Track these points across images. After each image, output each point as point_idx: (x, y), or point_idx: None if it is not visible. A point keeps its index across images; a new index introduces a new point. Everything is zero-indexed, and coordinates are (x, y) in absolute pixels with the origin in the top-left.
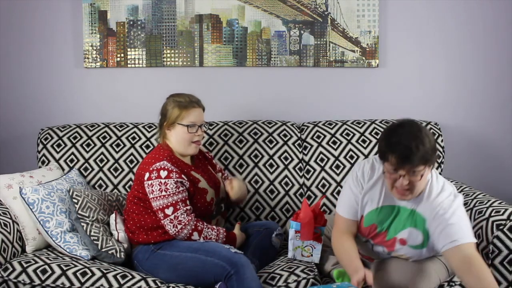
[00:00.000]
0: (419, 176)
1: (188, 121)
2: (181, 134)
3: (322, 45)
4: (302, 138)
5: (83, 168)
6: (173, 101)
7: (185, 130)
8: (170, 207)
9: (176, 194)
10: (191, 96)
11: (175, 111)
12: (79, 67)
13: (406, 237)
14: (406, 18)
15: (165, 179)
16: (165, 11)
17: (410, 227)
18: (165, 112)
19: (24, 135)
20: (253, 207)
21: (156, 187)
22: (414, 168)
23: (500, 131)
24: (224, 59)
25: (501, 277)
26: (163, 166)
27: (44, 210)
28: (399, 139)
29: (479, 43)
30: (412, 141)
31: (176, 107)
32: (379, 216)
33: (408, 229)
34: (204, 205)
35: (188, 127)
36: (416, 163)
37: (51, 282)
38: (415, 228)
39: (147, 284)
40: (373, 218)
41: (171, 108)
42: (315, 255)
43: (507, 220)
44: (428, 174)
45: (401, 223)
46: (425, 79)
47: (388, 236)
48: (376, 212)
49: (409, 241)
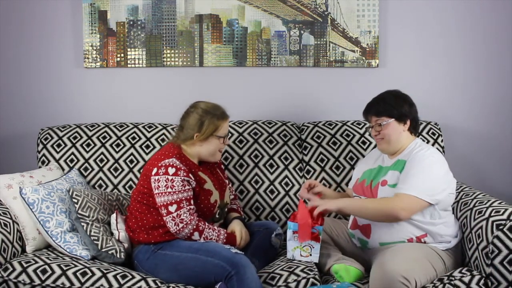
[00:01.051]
0: (383, 127)
1: (223, 133)
2: (214, 145)
3: (322, 45)
4: (302, 138)
5: (83, 168)
6: (207, 113)
7: (220, 141)
8: (174, 204)
9: (181, 192)
10: (220, 106)
11: (212, 124)
12: (79, 67)
13: (386, 178)
14: (406, 18)
15: (172, 176)
16: (165, 11)
17: (390, 170)
18: (198, 125)
19: (24, 135)
20: (253, 207)
21: (163, 183)
22: (374, 117)
23: (500, 131)
24: (224, 59)
25: (501, 277)
26: (171, 163)
27: (44, 210)
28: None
29: (479, 43)
30: (373, 99)
31: (214, 119)
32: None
33: (389, 172)
34: (207, 206)
35: (223, 138)
36: (373, 113)
37: (51, 282)
38: (395, 170)
39: (147, 284)
40: (363, 176)
41: (208, 120)
42: (314, 255)
43: (507, 220)
44: (397, 126)
45: (385, 171)
46: (425, 79)
47: (373, 185)
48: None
49: (388, 181)
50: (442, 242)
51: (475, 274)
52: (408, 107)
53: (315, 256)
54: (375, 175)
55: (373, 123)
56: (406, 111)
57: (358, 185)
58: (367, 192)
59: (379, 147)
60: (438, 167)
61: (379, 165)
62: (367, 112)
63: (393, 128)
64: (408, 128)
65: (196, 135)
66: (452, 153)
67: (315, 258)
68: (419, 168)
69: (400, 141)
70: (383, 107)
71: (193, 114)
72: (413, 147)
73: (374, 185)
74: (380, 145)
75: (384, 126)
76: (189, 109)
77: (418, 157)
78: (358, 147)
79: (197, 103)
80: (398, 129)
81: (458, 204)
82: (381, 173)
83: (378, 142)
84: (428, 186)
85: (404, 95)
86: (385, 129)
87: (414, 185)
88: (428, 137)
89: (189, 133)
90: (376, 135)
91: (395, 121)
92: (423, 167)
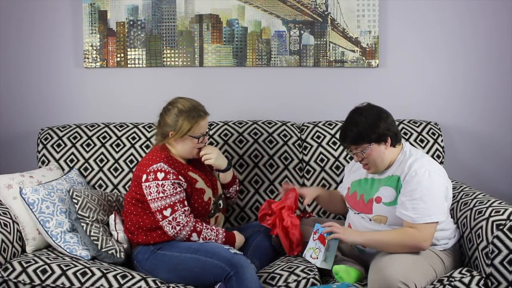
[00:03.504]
0: (365, 154)
1: (199, 133)
2: (190, 145)
3: (322, 45)
4: (302, 138)
5: (83, 168)
6: (182, 113)
7: (196, 141)
8: (168, 208)
9: (173, 195)
10: (198, 105)
11: (186, 124)
12: (79, 67)
13: (381, 195)
14: (406, 18)
15: (162, 181)
16: (165, 11)
17: (384, 186)
18: (173, 123)
19: (24, 135)
20: (253, 207)
21: (154, 189)
22: (353, 146)
23: (500, 131)
24: (224, 59)
25: (501, 277)
26: (160, 168)
27: (44, 210)
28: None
29: (479, 43)
30: (346, 125)
31: (187, 120)
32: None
33: (383, 188)
34: (201, 205)
35: (198, 138)
36: (349, 143)
37: (51, 282)
38: (388, 186)
39: (147, 284)
40: (354, 187)
41: (181, 120)
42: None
43: (507, 220)
44: (379, 148)
45: (377, 186)
46: (425, 79)
47: (366, 199)
48: (355, 182)
49: (383, 198)
50: (439, 245)
51: (475, 274)
52: (384, 124)
53: (319, 261)
54: (366, 189)
55: (353, 151)
56: (383, 129)
57: (350, 196)
58: (360, 206)
59: (368, 172)
60: (438, 178)
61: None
62: (343, 141)
63: (376, 152)
64: (390, 144)
65: (171, 133)
66: (452, 153)
67: (318, 262)
68: (423, 190)
69: (386, 160)
70: (359, 134)
71: (170, 112)
72: (402, 159)
73: (367, 200)
74: (368, 170)
75: (366, 153)
76: (167, 106)
77: (417, 177)
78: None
79: (176, 100)
80: (381, 151)
81: (458, 204)
82: (373, 188)
83: (365, 167)
84: (439, 206)
85: (376, 111)
86: (368, 156)
87: (428, 212)
88: (428, 137)
89: (166, 131)
90: (360, 161)
91: (375, 144)
92: (427, 187)
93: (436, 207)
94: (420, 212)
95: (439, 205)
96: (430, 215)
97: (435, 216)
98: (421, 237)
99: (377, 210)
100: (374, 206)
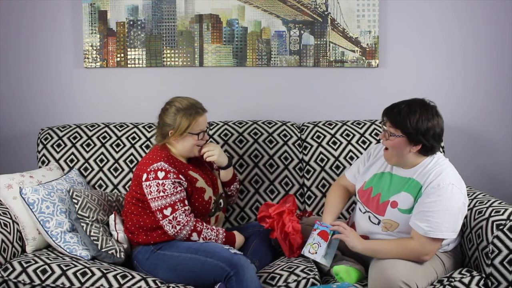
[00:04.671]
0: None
1: (198, 130)
2: (190, 142)
3: (322, 45)
4: (302, 138)
5: (83, 168)
6: (180, 111)
7: (195, 138)
8: (168, 207)
9: (174, 194)
10: (196, 102)
11: (184, 121)
12: (79, 67)
13: (398, 200)
14: (406, 18)
15: (162, 180)
16: (165, 11)
17: (404, 191)
18: (172, 122)
19: (24, 135)
20: (253, 207)
21: (154, 188)
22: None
23: (500, 131)
24: (224, 59)
25: (501, 277)
26: (160, 167)
27: (44, 210)
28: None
29: (479, 43)
30: (404, 103)
31: (185, 117)
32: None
33: (402, 193)
34: (202, 204)
35: (198, 135)
36: (390, 119)
37: (51, 282)
38: (408, 193)
39: (147, 284)
40: (372, 182)
41: (179, 118)
42: (319, 253)
43: (507, 220)
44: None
45: (397, 188)
46: (425, 79)
47: (382, 200)
48: (376, 176)
49: (399, 204)
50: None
51: (475, 275)
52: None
53: (319, 255)
54: (384, 187)
55: (385, 127)
56: (424, 137)
57: (364, 191)
58: (373, 205)
59: (383, 154)
60: (460, 195)
61: (389, 172)
62: (386, 115)
63: (400, 145)
64: (419, 150)
65: (170, 132)
66: (452, 153)
67: (318, 257)
68: (442, 205)
69: (406, 160)
70: (403, 119)
71: (168, 111)
72: (428, 164)
73: (382, 201)
74: (385, 153)
75: (392, 138)
76: (165, 106)
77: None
78: (358, 147)
79: (173, 99)
80: (406, 148)
81: None
82: (392, 189)
83: (385, 151)
84: (453, 223)
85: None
86: (392, 141)
87: (441, 227)
88: None
89: (165, 130)
90: (382, 140)
91: (406, 139)
92: (447, 203)
93: (450, 224)
94: (434, 226)
95: (454, 223)
96: (442, 231)
97: (446, 233)
98: (424, 251)
99: (390, 215)
100: (388, 210)
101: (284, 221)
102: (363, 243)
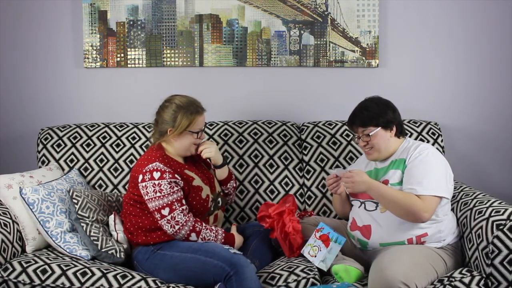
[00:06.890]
0: (371, 137)
1: (197, 128)
2: (188, 140)
3: (322, 45)
4: (302, 138)
5: (83, 168)
6: (180, 108)
7: (194, 137)
8: (166, 207)
9: (170, 194)
10: (195, 101)
11: (185, 120)
12: (79, 67)
13: (388, 177)
14: (406, 18)
15: (158, 180)
16: (165, 11)
17: (391, 169)
18: (171, 120)
19: (24, 135)
20: (253, 207)
21: (150, 189)
22: (360, 128)
23: (500, 131)
24: (224, 59)
25: (501, 277)
26: (155, 167)
27: (44, 210)
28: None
29: (479, 43)
30: (356, 109)
31: (186, 115)
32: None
33: (390, 171)
34: (200, 203)
35: (197, 133)
36: (359, 124)
37: (51, 282)
38: (395, 169)
39: (147, 284)
40: None
41: (180, 116)
42: (317, 258)
43: (507, 220)
44: (385, 134)
45: (383, 171)
46: (425, 79)
47: None
48: None
49: (390, 180)
50: (439, 241)
51: (475, 274)
52: (392, 113)
53: (317, 260)
54: (373, 177)
55: (360, 134)
56: (391, 117)
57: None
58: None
59: (369, 157)
60: (441, 160)
61: (374, 167)
62: (352, 124)
63: (381, 137)
64: (395, 133)
65: (170, 129)
66: (452, 153)
67: (316, 261)
68: (427, 167)
69: (389, 147)
70: (368, 116)
71: (168, 108)
72: (406, 146)
73: None
74: (370, 155)
75: (372, 136)
76: (164, 104)
77: (420, 156)
78: (358, 147)
79: (173, 97)
80: (386, 136)
81: (458, 204)
82: (380, 174)
83: (368, 153)
84: (443, 182)
85: (385, 101)
86: (373, 138)
87: (432, 185)
88: (428, 137)
89: (164, 128)
90: (364, 145)
91: (382, 129)
92: (430, 165)
93: (440, 183)
94: (424, 185)
95: (442, 181)
96: (433, 188)
97: (439, 190)
98: (423, 207)
99: None
100: None
101: (285, 221)
102: (367, 183)
